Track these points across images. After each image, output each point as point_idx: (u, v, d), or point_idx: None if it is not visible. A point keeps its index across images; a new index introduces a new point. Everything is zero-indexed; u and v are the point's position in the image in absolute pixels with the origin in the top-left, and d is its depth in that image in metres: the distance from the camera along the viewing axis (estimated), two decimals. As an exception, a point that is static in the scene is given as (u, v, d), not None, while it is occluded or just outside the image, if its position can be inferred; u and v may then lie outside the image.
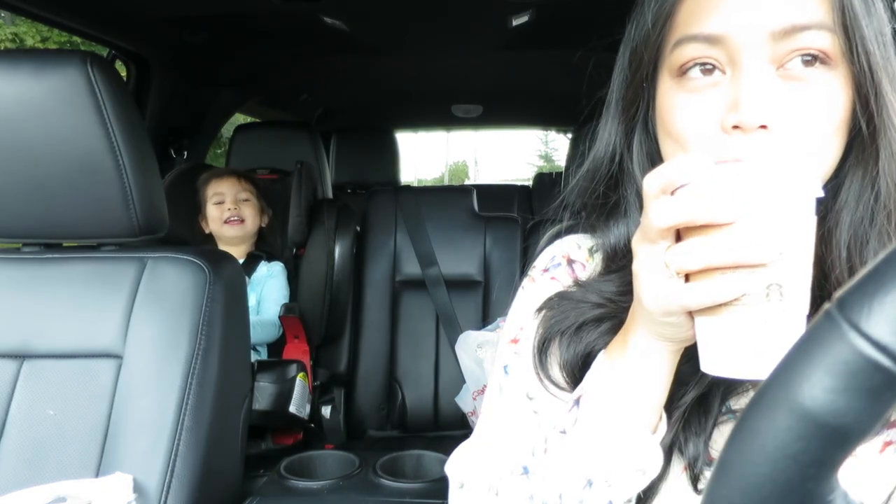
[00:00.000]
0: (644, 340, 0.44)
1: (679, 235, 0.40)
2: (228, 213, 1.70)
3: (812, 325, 0.26)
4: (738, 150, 0.42)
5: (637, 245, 0.42)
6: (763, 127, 0.41)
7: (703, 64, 0.44)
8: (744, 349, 0.38)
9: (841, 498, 0.25)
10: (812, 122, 0.42)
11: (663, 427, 0.46)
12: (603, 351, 0.48)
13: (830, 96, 0.43)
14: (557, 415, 0.49)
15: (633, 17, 0.52)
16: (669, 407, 0.47)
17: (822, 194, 0.37)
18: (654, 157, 0.52)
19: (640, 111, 0.52)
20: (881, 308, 0.23)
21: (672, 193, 0.39)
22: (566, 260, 0.59)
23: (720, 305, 0.38)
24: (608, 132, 0.55)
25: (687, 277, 0.39)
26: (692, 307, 0.39)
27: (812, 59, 0.42)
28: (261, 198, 1.79)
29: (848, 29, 0.42)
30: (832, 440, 0.24)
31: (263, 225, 1.80)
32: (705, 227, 0.37)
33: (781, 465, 0.25)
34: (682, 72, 0.45)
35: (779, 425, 0.25)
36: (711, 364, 0.39)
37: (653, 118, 0.51)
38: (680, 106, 0.46)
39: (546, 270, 0.59)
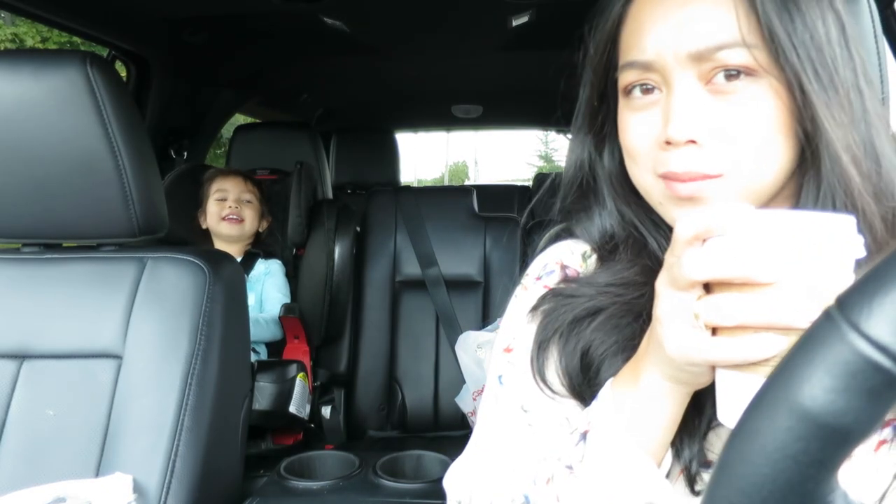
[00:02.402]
0: (657, 383, 0.43)
1: (708, 284, 0.38)
2: (228, 211, 1.71)
3: (812, 326, 0.26)
4: (672, 165, 0.46)
5: (662, 288, 0.40)
6: (692, 142, 0.45)
7: (643, 85, 0.48)
8: None
9: (841, 498, 0.25)
10: (740, 134, 0.44)
11: (668, 460, 0.46)
12: (610, 381, 0.47)
13: (757, 106, 0.44)
14: (563, 446, 0.49)
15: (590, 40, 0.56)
16: None
17: (863, 254, 0.35)
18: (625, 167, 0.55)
19: (608, 124, 0.56)
20: (881, 308, 0.23)
21: (703, 241, 0.38)
22: (559, 266, 0.59)
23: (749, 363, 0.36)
24: (579, 141, 0.59)
25: (714, 328, 0.38)
26: (718, 363, 0.38)
27: (736, 74, 0.44)
28: (263, 203, 1.80)
29: (767, 41, 0.43)
30: (832, 440, 0.24)
31: (261, 230, 1.81)
32: (743, 284, 0.36)
33: (781, 466, 0.25)
34: (627, 92, 0.50)
35: (779, 426, 0.25)
36: (731, 417, 0.38)
37: None
38: (629, 123, 0.50)
39: (539, 279, 0.59)
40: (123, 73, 1.65)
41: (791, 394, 0.25)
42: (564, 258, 0.59)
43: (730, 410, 0.38)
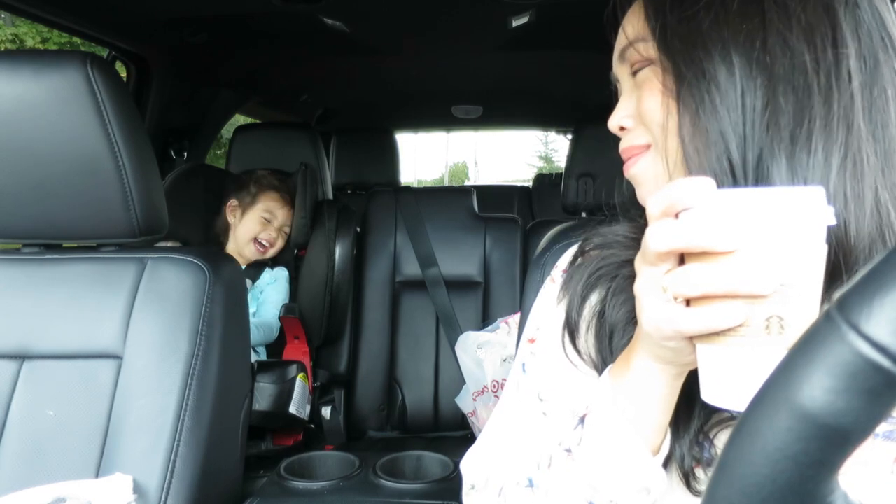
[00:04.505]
0: (645, 363, 0.44)
1: (683, 259, 0.39)
2: (266, 236, 1.70)
3: (812, 326, 0.26)
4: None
5: (638, 266, 0.42)
6: (623, 129, 0.53)
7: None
8: (740, 382, 0.36)
9: (841, 499, 0.25)
10: (644, 116, 0.50)
11: (666, 446, 0.46)
12: (609, 367, 0.48)
13: (655, 90, 0.49)
14: (563, 430, 0.50)
15: None
16: None
17: (833, 222, 0.35)
18: None
19: None
20: (881, 309, 0.23)
21: (676, 216, 0.38)
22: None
23: (719, 334, 0.37)
24: None
25: (689, 302, 0.38)
26: (687, 333, 0.38)
27: (642, 66, 0.51)
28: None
29: (657, 32, 0.48)
30: (832, 441, 0.24)
31: None
32: (706, 254, 0.36)
33: (781, 466, 0.25)
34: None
35: (779, 426, 0.25)
36: (710, 393, 0.38)
37: None
38: None
39: (566, 271, 0.60)
40: (123, 74, 1.65)
41: (791, 394, 0.25)
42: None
43: (709, 388, 0.38)
